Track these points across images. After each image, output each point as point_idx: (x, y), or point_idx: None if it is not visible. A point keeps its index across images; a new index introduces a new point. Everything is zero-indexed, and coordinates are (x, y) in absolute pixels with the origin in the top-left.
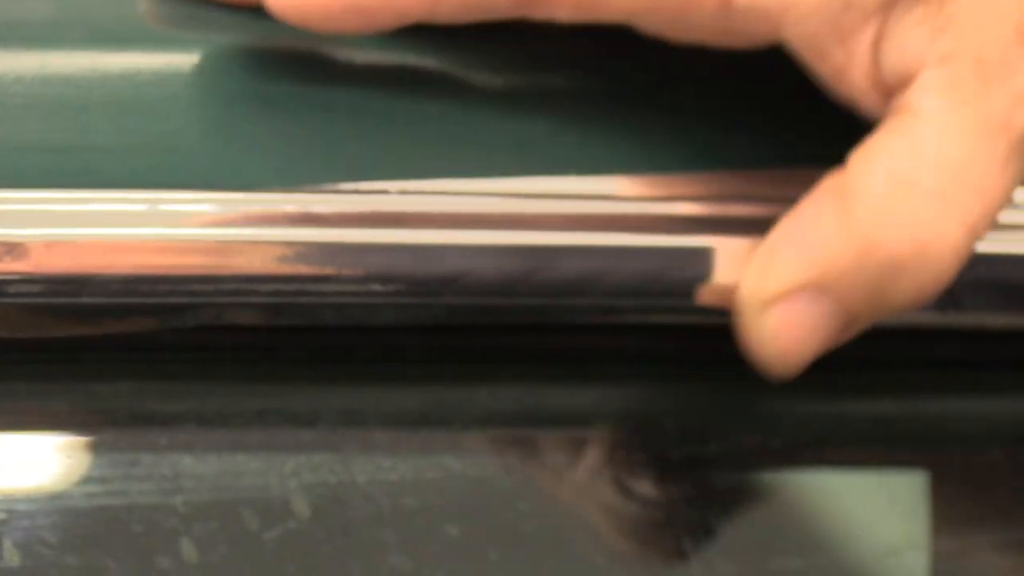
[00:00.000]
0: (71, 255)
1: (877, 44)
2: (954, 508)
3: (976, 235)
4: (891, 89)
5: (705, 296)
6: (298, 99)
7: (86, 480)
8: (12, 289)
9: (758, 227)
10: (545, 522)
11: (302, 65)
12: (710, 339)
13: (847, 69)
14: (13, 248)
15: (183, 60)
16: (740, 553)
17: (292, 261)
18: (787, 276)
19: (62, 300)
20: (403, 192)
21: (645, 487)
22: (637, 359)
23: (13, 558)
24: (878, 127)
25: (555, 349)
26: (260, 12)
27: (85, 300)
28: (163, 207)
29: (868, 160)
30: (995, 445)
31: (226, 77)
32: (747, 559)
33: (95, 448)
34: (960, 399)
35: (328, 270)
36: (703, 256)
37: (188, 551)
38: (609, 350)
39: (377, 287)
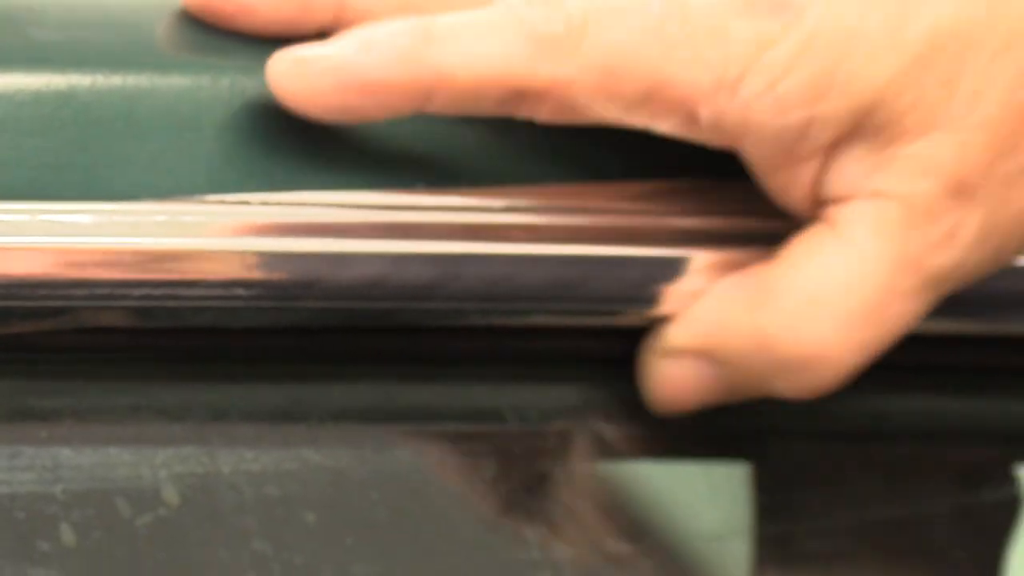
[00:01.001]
0: None
1: (820, 171)
2: (776, 497)
3: (867, 356)
4: (824, 204)
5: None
6: (166, 116)
7: None
8: None
9: (592, 238)
10: (396, 510)
11: (169, 84)
12: (544, 337)
13: (790, 187)
14: None
15: (59, 81)
16: (574, 538)
17: (161, 267)
18: (689, 338)
19: None
20: (264, 203)
21: (487, 477)
22: (478, 357)
23: None
24: (806, 228)
25: (405, 349)
26: (148, 36)
27: None
28: (42, 217)
29: (791, 267)
30: (816, 436)
31: (97, 96)
32: (581, 543)
33: None
34: None
35: (194, 276)
36: (540, 264)
37: (67, 535)
38: (453, 349)
39: (240, 292)
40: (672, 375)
